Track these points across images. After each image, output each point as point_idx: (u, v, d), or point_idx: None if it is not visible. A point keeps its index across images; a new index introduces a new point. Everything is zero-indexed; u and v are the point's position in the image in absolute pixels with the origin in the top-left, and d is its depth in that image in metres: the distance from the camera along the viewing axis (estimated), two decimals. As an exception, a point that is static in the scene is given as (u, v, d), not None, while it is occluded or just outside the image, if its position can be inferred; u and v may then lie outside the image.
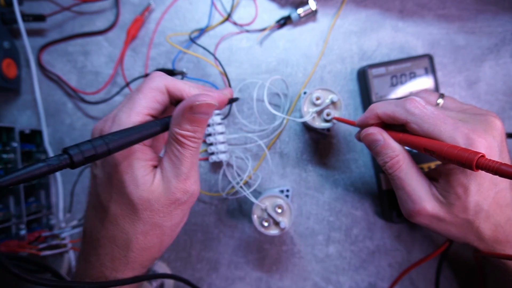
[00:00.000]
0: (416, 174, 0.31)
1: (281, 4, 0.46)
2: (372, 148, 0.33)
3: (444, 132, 0.28)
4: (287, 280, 0.47)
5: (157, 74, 0.29)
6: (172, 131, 0.27)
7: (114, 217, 0.27)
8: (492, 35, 0.46)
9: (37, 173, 0.19)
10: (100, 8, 0.47)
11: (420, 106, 0.30)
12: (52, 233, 0.42)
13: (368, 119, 0.33)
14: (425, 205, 0.30)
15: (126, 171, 0.26)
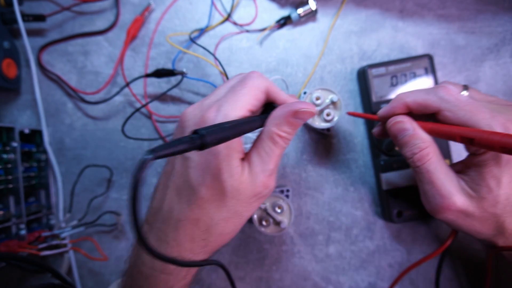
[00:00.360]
0: (445, 167, 0.30)
1: (281, 4, 0.46)
2: (400, 138, 0.31)
3: (481, 119, 0.28)
4: (287, 280, 0.47)
5: (259, 74, 0.30)
6: (270, 130, 0.29)
7: (203, 200, 0.27)
8: (492, 35, 0.46)
9: (179, 150, 0.20)
10: (100, 8, 0.47)
11: (454, 93, 0.29)
12: (52, 233, 0.42)
13: (395, 108, 0.32)
14: (455, 200, 0.29)
15: (225, 159, 0.27)
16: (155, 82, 0.47)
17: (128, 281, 0.30)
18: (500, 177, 0.28)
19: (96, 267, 0.47)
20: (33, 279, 0.47)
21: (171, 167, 0.29)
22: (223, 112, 0.27)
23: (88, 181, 0.47)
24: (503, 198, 0.28)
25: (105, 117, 0.47)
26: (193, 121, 0.28)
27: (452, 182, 0.30)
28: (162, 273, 0.28)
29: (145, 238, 0.20)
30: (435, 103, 0.29)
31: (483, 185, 0.29)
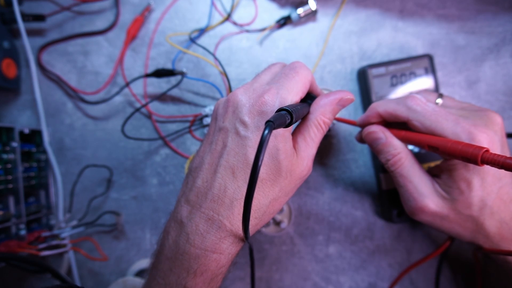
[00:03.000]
0: (418, 171, 0.32)
1: (281, 4, 0.46)
2: (374, 146, 0.33)
3: (446, 128, 0.29)
4: (287, 280, 0.47)
5: (305, 66, 0.31)
6: (318, 117, 0.30)
7: (259, 179, 0.28)
8: (492, 35, 0.46)
9: (283, 122, 0.23)
10: (100, 8, 0.47)
11: (421, 103, 0.31)
12: (52, 233, 0.42)
13: (369, 117, 0.34)
14: (428, 202, 0.30)
15: (283, 141, 0.28)
16: (155, 82, 0.47)
17: (166, 263, 0.28)
18: (470, 179, 0.29)
19: (96, 267, 0.47)
20: (33, 279, 0.47)
21: (221, 145, 0.29)
22: (281, 95, 0.28)
23: (88, 181, 0.47)
24: (477, 200, 0.29)
25: (105, 117, 0.47)
26: (250, 103, 0.28)
27: (425, 185, 0.31)
28: (214, 253, 0.27)
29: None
30: (403, 113, 0.31)
31: (454, 187, 0.30)
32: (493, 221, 0.30)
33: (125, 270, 0.47)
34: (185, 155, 0.47)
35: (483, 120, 0.29)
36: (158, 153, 0.47)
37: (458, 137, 0.28)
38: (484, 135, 0.28)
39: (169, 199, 0.47)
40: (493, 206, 0.29)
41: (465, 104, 0.34)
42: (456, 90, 0.46)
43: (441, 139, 0.28)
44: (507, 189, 0.30)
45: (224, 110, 0.30)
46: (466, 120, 0.29)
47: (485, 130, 0.28)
